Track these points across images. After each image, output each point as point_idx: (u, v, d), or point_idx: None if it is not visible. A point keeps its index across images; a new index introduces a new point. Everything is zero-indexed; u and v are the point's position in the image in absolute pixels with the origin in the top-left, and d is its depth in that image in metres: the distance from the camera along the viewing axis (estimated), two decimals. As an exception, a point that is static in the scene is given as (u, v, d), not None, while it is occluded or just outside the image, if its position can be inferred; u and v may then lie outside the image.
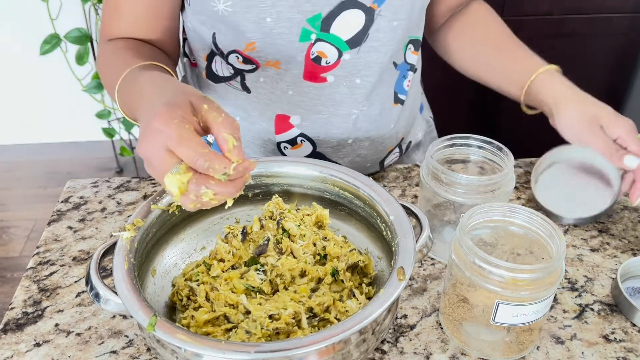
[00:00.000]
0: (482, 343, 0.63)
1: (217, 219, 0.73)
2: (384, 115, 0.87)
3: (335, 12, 0.75)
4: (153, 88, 0.62)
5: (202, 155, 0.50)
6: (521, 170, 0.94)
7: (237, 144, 0.52)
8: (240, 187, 0.53)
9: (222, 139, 0.52)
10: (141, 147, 0.53)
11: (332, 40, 0.77)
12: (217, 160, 0.51)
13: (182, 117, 0.52)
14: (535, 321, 0.60)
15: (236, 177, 0.52)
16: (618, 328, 0.67)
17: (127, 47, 0.78)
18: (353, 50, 0.79)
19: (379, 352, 0.64)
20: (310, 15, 0.75)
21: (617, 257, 0.77)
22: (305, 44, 0.77)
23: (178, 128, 0.51)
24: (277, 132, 0.86)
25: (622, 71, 1.90)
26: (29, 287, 0.72)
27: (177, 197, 0.52)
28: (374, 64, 0.80)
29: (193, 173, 0.51)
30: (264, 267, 0.66)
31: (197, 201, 0.52)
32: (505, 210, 0.63)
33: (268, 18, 0.74)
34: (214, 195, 0.52)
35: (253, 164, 0.53)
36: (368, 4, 0.76)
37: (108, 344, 0.65)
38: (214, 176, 0.51)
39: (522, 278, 0.56)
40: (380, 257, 0.68)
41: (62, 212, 0.85)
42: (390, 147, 0.92)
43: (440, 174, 0.69)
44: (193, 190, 0.51)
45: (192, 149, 0.50)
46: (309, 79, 0.81)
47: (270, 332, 0.56)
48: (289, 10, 0.74)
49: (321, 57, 0.78)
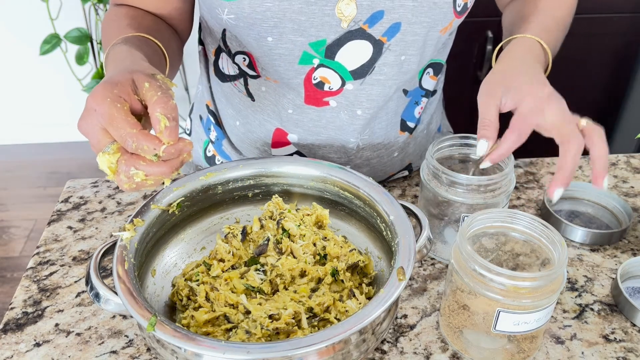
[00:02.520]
0: (483, 351, 0.62)
1: (217, 219, 0.73)
2: (387, 143, 0.85)
3: (342, 40, 0.71)
4: (114, 63, 0.62)
5: (131, 136, 0.50)
6: (521, 171, 0.94)
7: (169, 125, 0.51)
8: (175, 167, 0.53)
9: (154, 118, 0.52)
10: (79, 125, 0.53)
11: (336, 67, 0.74)
12: (147, 141, 0.50)
13: (117, 96, 0.52)
14: (537, 329, 0.60)
15: (169, 157, 0.52)
16: (618, 328, 0.67)
17: (127, 15, 0.76)
18: (357, 82, 0.75)
19: (379, 352, 0.64)
20: (313, 40, 0.72)
21: (617, 257, 0.77)
22: (306, 67, 0.74)
23: (109, 107, 0.50)
24: (273, 145, 0.84)
25: (622, 71, 1.90)
26: (29, 287, 0.72)
27: (111, 176, 0.53)
28: (376, 96, 0.77)
29: (123, 153, 0.51)
30: (264, 267, 0.66)
31: (130, 182, 0.52)
32: (505, 217, 0.62)
33: (269, 37, 0.71)
34: (146, 176, 0.52)
35: (189, 144, 0.53)
36: (377, 36, 0.71)
37: (108, 344, 0.65)
38: (146, 157, 0.51)
39: (524, 286, 0.55)
40: (380, 257, 0.68)
41: (62, 212, 0.85)
42: (392, 173, 0.90)
43: (441, 174, 0.69)
44: (123, 170, 0.51)
45: (120, 128, 0.50)
46: (311, 103, 0.78)
47: (270, 332, 0.56)
48: (292, 33, 0.71)
49: (324, 82, 0.76)
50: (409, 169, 0.93)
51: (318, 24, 0.70)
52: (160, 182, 0.54)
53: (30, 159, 2.52)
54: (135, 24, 0.74)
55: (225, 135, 0.90)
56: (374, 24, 0.70)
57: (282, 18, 0.69)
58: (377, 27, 0.70)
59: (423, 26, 0.72)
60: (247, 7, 0.68)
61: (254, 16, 0.69)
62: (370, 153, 0.84)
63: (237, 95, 0.84)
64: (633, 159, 0.97)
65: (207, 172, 0.70)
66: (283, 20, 0.69)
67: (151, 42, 0.71)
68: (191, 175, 0.69)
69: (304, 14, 0.69)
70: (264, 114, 0.82)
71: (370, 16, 0.70)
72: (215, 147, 0.92)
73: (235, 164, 0.71)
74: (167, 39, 0.77)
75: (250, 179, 0.72)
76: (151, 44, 0.71)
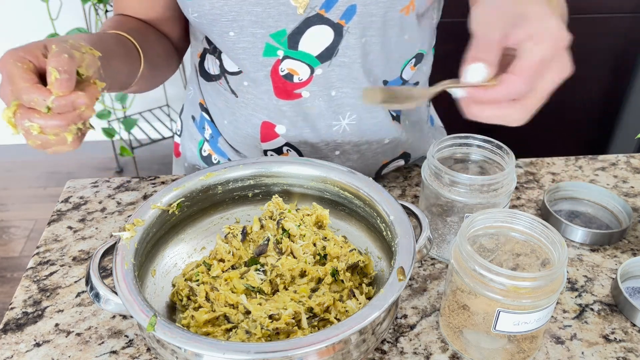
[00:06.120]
0: (483, 351, 0.62)
1: (217, 219, 0.73)
2: (376, 130, 0.85)
3: (302, 28, 0.73)
4: None
5: (24, 89, 0.53)
6: (521, 171, 0.94)
7: (60, 77, 0.53)
8: (69, 120, 0.55)
9: (48, 72, 0.54)
10: None
11: (301, 57, 0.75)
12: (36, 93, 0.53)
13: (21, 57, 0.55)
14: (537, 329, 0.59)
15: (62, 110, 0.54)
16: (618, 328, 0.67)
17: (115, 19, 0.81)
18: (325, 64, 0.76)
19: (379, 352, 0.64)
20: (273, 31, 0.73)
21: (617, 257, 0.77)
22: (271, 59, 0.76)
23: (10, 67, 0.54)
24: (262, 139, 0.85)
25: (622, 71, 1.90)
26: (29, 287, 0.72)
27: (14, 131, 0.56)
28: (345, 76, 0.78)
29: (20, 107, 0.54)
30: (264, 267, 0.66)
31: (29, 135, 0.55)
32: (506, 217, 0.62)
33: (231, 32, 0.73)
34: (42, 128, 0.54)
35: (82, 96, 0.55)
36: (335, 20, 0.72)
37: (108, 344, 0.65)
38: (41, 110, 0.54)
39: (524, 286, 0.55)
40: (380, 257, 0.68)
41: (62, 212, 0.85)
42: (385, 161, 0.90)
43: (443, 174, 0.69)
44: (19, 123, 0.54)
45: (16, 83, 0.53)
46: (282, 96, 0.79)
47: (270, 332, 0.56)
48: (251, 26, 0.73)
49: (293, 74, 0.77)
50: (404, 159, 0.93)
51: (275, 14, 0.72)
52: (63, 139, 0.56)
53: (30, 159, 2.52)
54: (118, 26, 0.77)
55: (220, 133, 0.91)
56: (330, 8, 0.72)
57: (240, 11, 0.72)
58: (333, 10, 0.72)
59: (379, 7, 0.72)
60: (207, 3, 0.72)
61: (214, 12, 0.72)
62: (358, 139, 0.85)
63: (223, 93, 0.85)
64: (633, 159, 0.97)
65: (207, 172, 0.70)
66: (241, 13, 0.72)
67: (124, 39, 0.74)
68: (191, 175, 0.69)
69: (260, 5, 0.71)
70: (249, 108, 0.83)
71: (326, 1, 0.71)
72: (211, 145, 0.92)
73: (235, 164, 0.71)
74: (151, 41, 0.80)
75: (250, 179, 0.72)
76: (123, 40, 0.74)
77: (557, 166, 0.95)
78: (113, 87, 0.70)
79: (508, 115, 0.50)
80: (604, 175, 0.93)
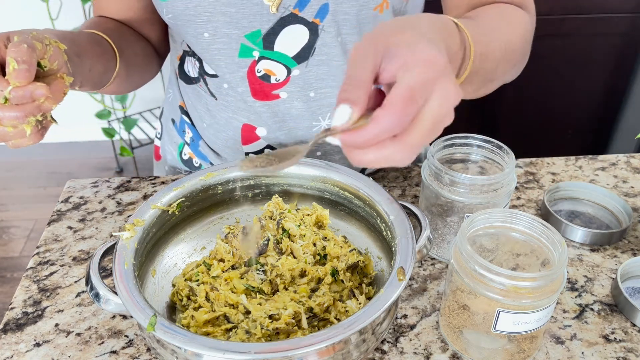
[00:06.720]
0: (483, 351, 0.62)
1: (217, 219, 0.73)
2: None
3: (276, 29, 0.72)
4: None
5: None
6: (521, 171, 0.94)
7: (18, 67, 0.53)
8: (28, 112, 0.55)
9: (7, 62, 0.54)
10: None
11: (277, 57, 0.75)
12: None
13: None
14: (537, 329, 0.59)
15: (21, 101, 0.54)
16: (618, 328, 0.67)
17: (91, 21, 0.81)
18: (302, 65, 0.75)
19: (379, 352, 0.64)
20: (248, 32, 0.73)
21: (617, 257, 0.77)
22: (247, 60, 0.75)
23: None
24: (243, 142, 0.84)
25: (622, 71, 1.90)
26: (29, 287, 0.72)
27: None
28: (324, 75, 0.77)
29: None
30: (264, 267, 0.66)
31: None
32: (505, 217, 0.62)
33: (205, 33, 0.73)
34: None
35: (41, 87, 0.55)
36: (310, 18, 0.72)
37: (108, 344, 0.65)
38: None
39: (524, 286, 0.55)
40: (380, 257, 0.68)
41: (62, 212, 0.85)
42: None
43: (443, 174, 0.69)
44: None
45: None
46: (260, 97, 0.78)
47: (270, 332, 0.57)
48: (225, 26, 0.72)
49: (269, 75, 0.76)
50: None
51: (249, 14, 0.71)
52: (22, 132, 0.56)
53: (30, 159, 2.53)
54: (95, 26, 0.77)
55: (200, 136, 0.91)
56: (304, 7, 0.71)
57: (214, 12, 0.71)
58: (307, 9, 0.72)
59: (352, 5, 0.72)
60: (180, 4, 0.71)
61: (187, 12, 0.72)
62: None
63: (203, 96, 0.85)
64: (633, 159, 0.97)
65: (207, 172, 0.70)
66: (214, 14, 0.71)
67: (99, 38, 0.74)
68: (191, 175, 0.69)
69: (233, 5, 0.71)
70: (229, 110, 0.82)
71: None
72: (191, 148, 0.92)
73: (235, 163, 0.71)
74: (129, 41, 0.81)
75: (250, 179, 0.72)
76: (98, 39, 0.74)
77: (557, 166, 0.95)
78: (86, 84, 0.70)
79: (390, 156, 0.44)
80: (604, 175, 0.93)
